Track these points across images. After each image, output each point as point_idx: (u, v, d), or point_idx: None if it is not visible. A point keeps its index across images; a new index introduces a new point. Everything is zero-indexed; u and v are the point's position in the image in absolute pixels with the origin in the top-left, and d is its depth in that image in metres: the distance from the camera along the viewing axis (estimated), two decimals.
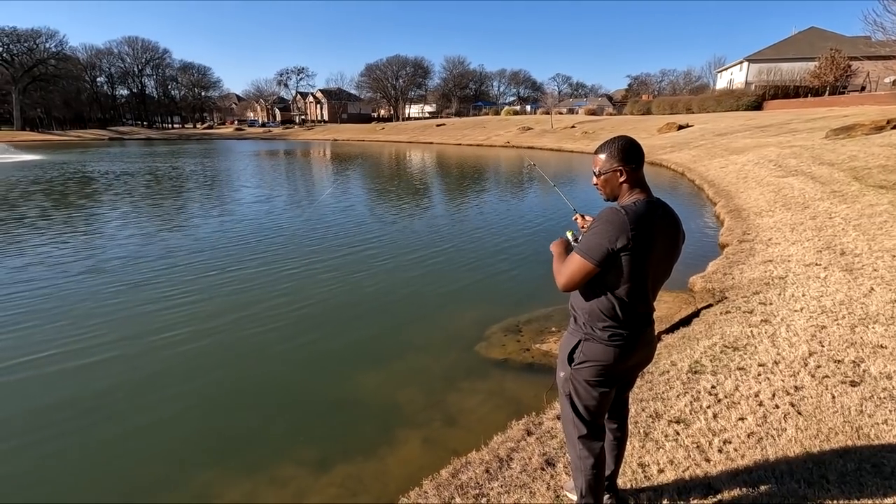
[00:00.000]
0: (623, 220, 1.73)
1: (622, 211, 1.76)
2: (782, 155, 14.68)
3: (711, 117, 35.23)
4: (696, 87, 64.31)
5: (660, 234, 1.81)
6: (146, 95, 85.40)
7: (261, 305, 5.86)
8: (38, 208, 12.57)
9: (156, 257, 7.85)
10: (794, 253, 6.47)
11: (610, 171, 1.86)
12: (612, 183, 1.87)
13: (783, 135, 19.86)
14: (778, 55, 47.71)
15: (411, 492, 2.68)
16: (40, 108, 69.78)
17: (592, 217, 1.93)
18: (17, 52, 65.78)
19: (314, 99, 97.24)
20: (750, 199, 10.68)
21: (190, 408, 3.82)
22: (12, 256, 7.95)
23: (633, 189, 1.85)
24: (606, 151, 1.88)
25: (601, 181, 1.90)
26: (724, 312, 4.85)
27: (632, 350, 1.91)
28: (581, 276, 1.81)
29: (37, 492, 3.02)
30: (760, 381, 3.41)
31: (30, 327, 5.18)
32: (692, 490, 2.43)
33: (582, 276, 1.81)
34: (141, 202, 13.91)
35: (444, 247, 8.70)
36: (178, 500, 2.92)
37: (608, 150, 1.87)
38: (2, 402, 3.90)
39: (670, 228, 1.86)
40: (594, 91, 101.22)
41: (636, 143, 1.88)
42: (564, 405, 2.06)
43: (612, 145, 1.87)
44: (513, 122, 53.08)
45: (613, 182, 1.87)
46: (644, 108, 51.16)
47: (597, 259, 1.76)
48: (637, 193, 1.84)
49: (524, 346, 4.67)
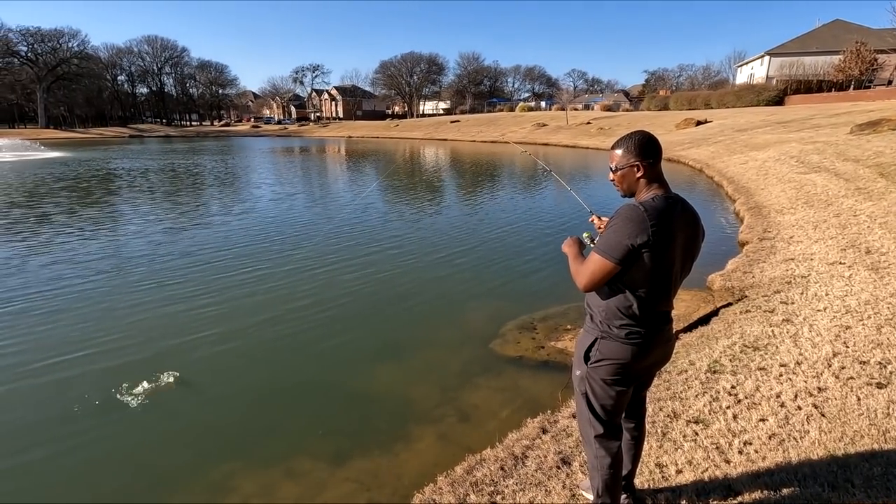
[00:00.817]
0: (642, 216, 1.70)
1: (641, 207, 1.72)
2: (805, 151, 14.34)
3: (731, 112, 34.56)
4: (715, 81, 63.10)
5: (679, 230, 1.77)
6: (165, 93, 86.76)
7: (278, 303, 5.92)
8: (64, 205, 12.86)
9: (179, 255, 7.98)
10: (817, 251, 6.32)
11: (627, 167, 1.83)
12: (629, 179, 1.84)
13: (806, 130, 19.40)
14: (801, 49, 46.58)
15: (426, 488, 2.68)
16: (63, 107, 71.39)
17: (609, 217, 1.90)
18: (41, 52, 67.26)
19: (329, 96, 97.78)
20: (771, 196, 10.46)
21: (209, 402, 3.88)
22: (40, 254, 8.15)
23: (651, 185, 1.82)
24: (623, 147, 1.84)
25: (618, 177, 1.87)
26: (744, 311, 4.76)
27: (649, 348, 1.87)
28: (602, 275, 1.78)
29: (69, 480, 3.10)
30: (782, 381, 3.34)
31: (55, 327, 5.31)
32: (711, 491, 2.39)
33: (603, 276, 1.78)
34: (163, 199, 14.15)
35: (459, 244, 8.69)
36: (198, 490, 2.97)
37: (625, 146, 1.84)
38: (31, 400, 4.00)
39: (689, 225, 1.83)
40: (610, 87, 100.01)
41: (653, 137, 1.84)
42: (580, 404, 2.04)
43: (628, 140, 1.84)
44: (527, 118, 52.73)
45: (630, 178, 1.83)
46: (661, 104, 50.45)
47: (618, 257, 1.72)
48: (655, 189, 1.81)
49: (539, 344, 4.64)
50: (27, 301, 5.83)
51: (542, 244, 8.53)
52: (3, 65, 65.83)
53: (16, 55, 65.95)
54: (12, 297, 5.93)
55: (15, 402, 3.89)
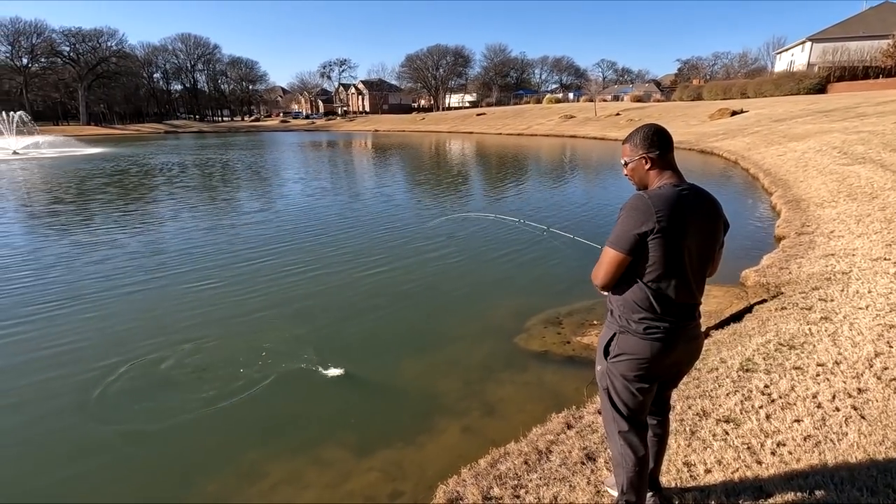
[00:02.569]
0: (647, 204, 1.72)
1: (645, 196, 1.76)
2: (848, 141, 13.67)
3: (768, 102, 33.22)
4: (753, 70, 60.72)
5: (692, 218, 1.76)
6: (198, 90, 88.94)
7: (304, 295, 6.04)
8: (112, 200, 13.40)
9: (209, 248, 8.23)
10: (860, 246, 6.03)
11: (636, 160, 1.87)
12: (639, 172, 1.88)
13: (849, 120, 18.48)
14: (845, 33, 44.31)
15: (450, 479, 2.70)
16: (103, 104, 74.09)
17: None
18: (82, 52, 69.92)
19: (356, 90, 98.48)
20: (810, 188, 10.03)
21: (237, 391, 3.99)
22: (91, 251, 8.53)
23: (662, 175, 1.84)
24: (631, 141, 1.89)
25: (629, 170, 1.92)
26: (780, 308, 4.60)
27: (671, 345, 1.83)
28: (615, 267, 1.79)
29: (115, 464, 3.26)
30: (819, 381, 3.22)
31: (106, 325, 5.56)
32: (742, 492, 2.33)
33: (615, 268, 1.80)
34: (203, 193, 14.58)
35: (484, 237, 8.66)
36: (229, 474, 3.07)
37: (633, 140, 1.89)
38: (77, 390, 4.21)
39: (704, 213, 1.81)
40: (641, 77, 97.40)
41: (661, 129, 1.87)
42: (603, 399, 2.03)
43: (636, 134, 1.88)
44: (554, 110, 51.96)
45: (640, 170, 1.87)
46: (694, 94, 48.90)
47: (626, 247, 1.74)
48: (665, 179, 1.83)
49: (565, 339, 4.60)
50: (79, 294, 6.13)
51: (567, 236, 8.40)
52: (48, 64, 68.89)
53: (59, 55, 68.81)
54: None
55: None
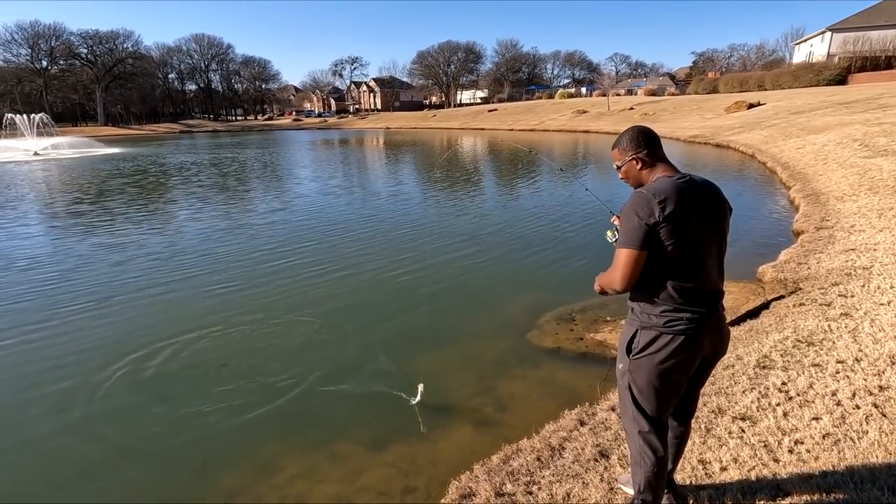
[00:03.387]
0: (647, 197, 1.75)
1: (643, 190, 1.80)
2: (870, 133, 13.34)
3: (787, 94, 32.56)
4: (770, 61, 59.43)
5: (694, 203, 1.77)
6: (212, 89, 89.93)
7: (316, 291, 6.10)
8: (132, 200, 13.65)
9: (230, 248, 8.34)
10: (882, 241, 5.90)
11: (627, 162, 1.95)
12: (632, 173, 1.95)
13: (871, 111, 18.03)
14: (867, 22, 43.14)
15: (462, 475, 2.71)
16: (120, 105, 75.37)
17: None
18: (99, 53, 71.16)
19: (367, 88, 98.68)
20: (830, 182, 9.82)
21: (254, 389, 4.04)
22: (115, 252, 8.70)
23: (654, 171, 1.90)
24: (619, 146, 1.98)
25: (623, 173, 1.99)
26: (798, 304, 4.52)
27: (696, 338, 1.80)
28: (633, 267, 1.78)
29: (130, 457, 3.34)
30: (839, 379, 3.16)
31: (126, 318, 5.68)
32: (758, 491, 2.30)
33: (634, 267, 1.78)
34: (221, 192, 14.78)
35: (498, 233, 8.65)
36: (245, 468, 3.12)
37: (620, 144, 1.98)
38: (80, 388, 4.31)
39: (705, 197, 1.82)
40: (655, 70, 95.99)
41: (645, 128, 1.97)
42: (624, 398, 2.00)
43: (622, 138, 1.97)
44: (566, 105, 51.53)
45: (633, 172, 1.95)
46: (710, 87, 48.16)
47: (638, 242, 1.74)
48: (659, 172, 1.88)
49: (577, 336, 4.58)
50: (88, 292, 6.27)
51: (581, 232, 8.37)
52: (67, 67, 70.20)
53: (77, 57, 70.09)
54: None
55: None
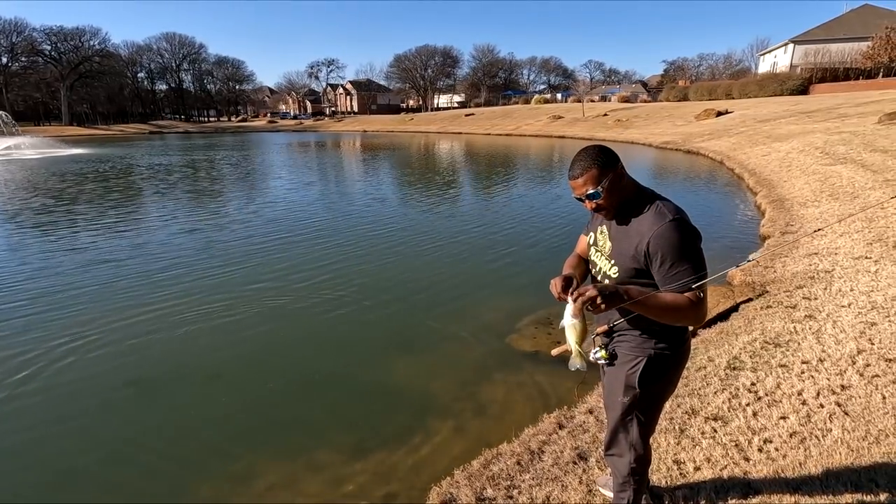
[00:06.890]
0: (689, 222, 1.67)
1: (681, 216, 1.66)
2: (830, 142, 13.95)
3: (753, 103, 33.75)
4: (737, 71, 61.59)
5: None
6: (184, 90, 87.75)
7: (295, 294, 6.00)
8: (111, 203, 13.18)
9: (194, 249, 8.15)
10: (842, 245, 6.17)
11: (610, 180, 1.69)
12: (617, 188, 1.71)
13: (831, 120, 18.86)
14: (827, 35, 45.21)
15: (443, 481, 2.71)
16: (86, 104, 72.78)
17: (584, 286, 1.68)
18: (63, 51, 68.65)
19: (344, 90, 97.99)
20: (794, 188, 10.22)
21: (231, 392, 3.96)
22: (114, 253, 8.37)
23: (634, 184, 1.77)
24: (591, 169, 1.69)
25: (606, 195, 1.70)
26: (765, 307, 4.69)
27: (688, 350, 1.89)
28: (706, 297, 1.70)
29: (98, 462, 3.22)
30: (804, 379, 3.29)
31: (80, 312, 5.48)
32: (730, 489, 2.38)
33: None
34: (194, 197, 14.42)
35: (476, 237, 8.68)
36: (222, 478, 3.05)
37: (594, 166, 1.68)
38: (71, 392, 4.15)
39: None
40: (628, 77, 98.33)
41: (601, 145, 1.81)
42: (626, 428, 1.90)
43: (595, 160, 1.69)
44: (543, 110, 52.18)
45: (618, 185, 1.71)
46: (681, 95, 49.48)
47: (705, 268, 1.66)
48: (642, 187, 1.78)
49: (555, 339, 4.64)
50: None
51: (557, 235, 8.48)
52: (29, 64, 67.47)
53: (40, 54, 67.48)
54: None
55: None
